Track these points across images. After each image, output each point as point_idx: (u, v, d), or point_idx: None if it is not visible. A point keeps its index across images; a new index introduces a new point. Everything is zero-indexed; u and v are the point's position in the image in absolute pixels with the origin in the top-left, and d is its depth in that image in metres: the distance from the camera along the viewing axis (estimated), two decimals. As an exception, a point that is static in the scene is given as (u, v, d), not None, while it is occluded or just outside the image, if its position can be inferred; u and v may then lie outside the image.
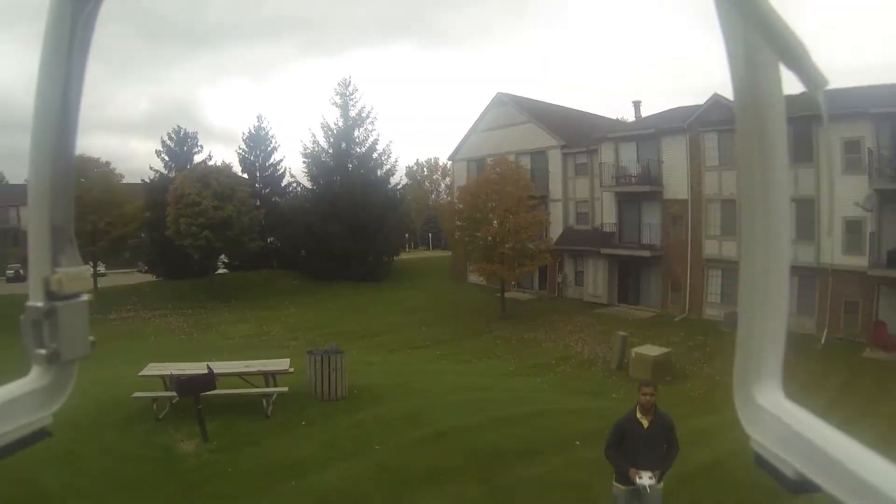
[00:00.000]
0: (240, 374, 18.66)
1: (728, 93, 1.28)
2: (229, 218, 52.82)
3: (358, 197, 61.90)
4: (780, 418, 0.95)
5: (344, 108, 65.34)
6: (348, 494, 12.27)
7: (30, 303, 1.14)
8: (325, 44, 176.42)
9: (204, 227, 51.78)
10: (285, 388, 18.32)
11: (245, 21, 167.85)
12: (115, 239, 55.86)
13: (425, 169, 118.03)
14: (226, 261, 62.42)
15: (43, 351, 1.13)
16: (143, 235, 62.73)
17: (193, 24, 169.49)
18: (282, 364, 19.67)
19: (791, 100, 0.91)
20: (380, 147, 66.02)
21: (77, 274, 1.18)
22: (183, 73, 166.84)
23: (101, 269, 62.45)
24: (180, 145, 68.37)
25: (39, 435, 1.15)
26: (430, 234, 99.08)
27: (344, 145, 64.82)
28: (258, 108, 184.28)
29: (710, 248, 41.09)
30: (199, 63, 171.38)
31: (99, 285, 56.20)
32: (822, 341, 31.76)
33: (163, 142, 68.47)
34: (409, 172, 70.54)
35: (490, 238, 42.65)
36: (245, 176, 65.03)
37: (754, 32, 0.85)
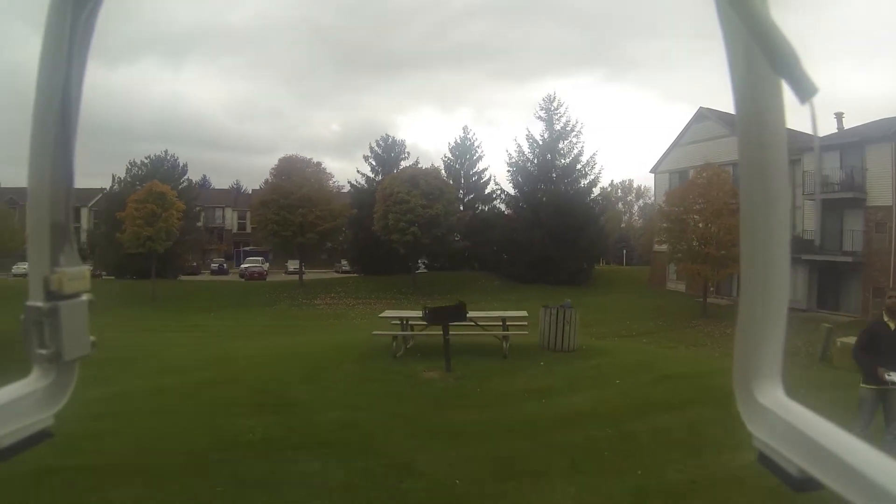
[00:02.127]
0: (478, 321, 18.99)
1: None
2: (436, 216, 54.82)
3: (561, 205, 62.81)
4: (782, 416, 0.93)
5: (549, 121, 66.84)
6: (597, 413, 12.39)
7: (30, 303, 1.12)
8: (513, 71, 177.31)
9: (412, 223, 53.93)
10: (525, 331, 19.18)
11: (432, 50, 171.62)
12: (322, 232, 58.91)
13: (619, 190, 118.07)
14: (425, 262, 64.03)
15: (44, 351, 1.11)
16: (344, 231, 65.95)
17: (382, 53, 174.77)
18: (519, 314, 20.41)
19: None
20: (583, 159, 66.79)
21: (77, 273, 1.16)
22: (373, 98, 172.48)
23: (295, 266, 67.29)
24: (388, 151, 72.40)
25: (41, 436, 1.12)
26: (623, 251, 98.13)
27: (549, 156, 66.06)
28: (448, 132, 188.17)
29: (915, 253, 39.02)
30: (389, 90, 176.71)
31: (304, 278, 60.24)
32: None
33: (371, 148, 72.92)
34: (603, 193, 70.25)
35: (696, 240, 43.00)
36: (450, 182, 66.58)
37: (750, 38, 0.82)
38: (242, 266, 73.67)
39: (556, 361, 17.55)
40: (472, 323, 18.48)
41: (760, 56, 0.82)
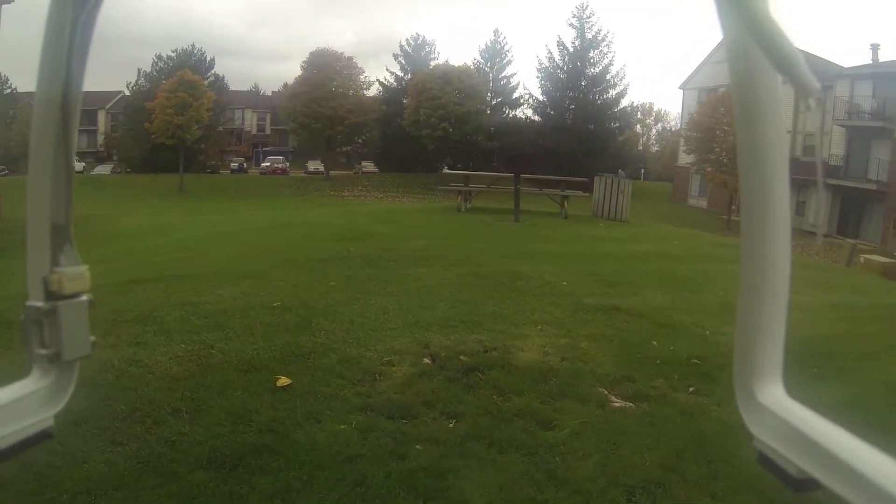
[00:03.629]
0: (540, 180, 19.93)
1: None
2: (467, 114, 55.08)
3: (589, 113, 62.84)
4: (782, 416, 0.93)
5: (580, 29, 65.73)
6: (667, 254, 13.44)
7: (30, 303, 1.11)
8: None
9: (443, 119, 53.93)
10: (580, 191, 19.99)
11: None
12: (352, 126, 58.98)
13: (639, 112, 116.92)
14: (449, 162, 63.84)
15: (44, 351, 1.10)
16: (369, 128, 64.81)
17: None
18: (579, 179, 21.03)
19: None
20: (612, 70, 66.06)
21: (77, 273, 1.14)
22: (388, 5, 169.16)
23: (320, 166, 67.68)
24: (417, 51, 71.67)
25: (42, 436, 1.10)
26: (641, 169, 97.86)
27: (578, 64, 65.11)
28: (467, 41, 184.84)
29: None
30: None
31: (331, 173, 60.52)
32: None
33: (400, 46, 72.38)
34: (622, 112, 69.75)
35: (725, 150, 43.01)
36: (479, 83, 66.08)
37: (751, 38, 0.80)
38: (264, 164, 74.15)
39: (615, 224, 18.41)
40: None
41: (760, 56, 0.82)
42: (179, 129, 53.76)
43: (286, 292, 7.94)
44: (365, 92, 62.81)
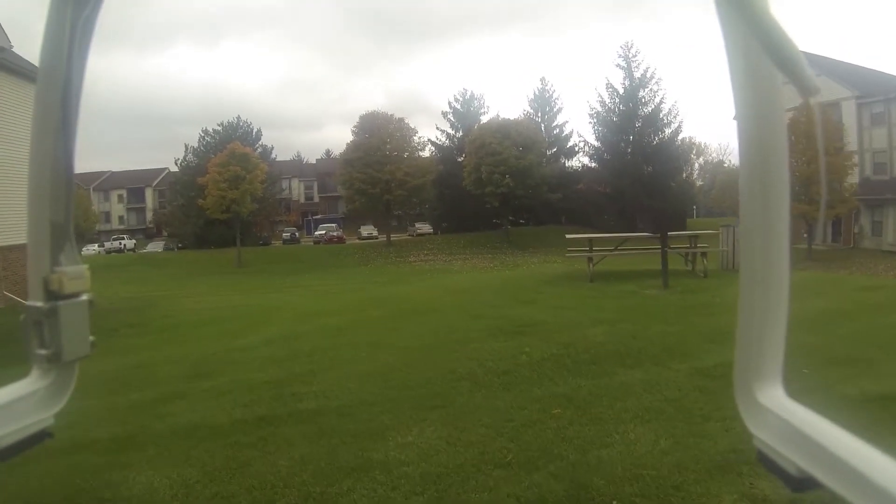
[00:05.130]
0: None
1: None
2: (529, 167, 53.06)
3: (648, 154, 61.62)
4: (782, 416, 0.93)
5: (628, 69, 64.99)
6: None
7: (30, 302, 1.11)
8: (555, 28, 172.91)
9: (505, 174, 52.22)
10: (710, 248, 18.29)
11: (466, 16, 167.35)
12: (411, 189, 56.81)
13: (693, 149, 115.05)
14: (511, 217, 62.08)
15: (44, 351, 1.10)
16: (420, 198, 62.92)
17: (419, 19, 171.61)
18: (709, 232, 19.64)
19: None
20: (664, 107, 64.69)
21: (77, 273, 1.14)
22: (411, 67, 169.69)
23: (374, 231, 66.74)
24: (466, 106, 70.51)
25: (41, 436, 1.10)
26: (693, 206, 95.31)
27: (630, 105, 63.99)
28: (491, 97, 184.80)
29: None
30: (425, 57, 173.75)
31: (393, 238, 59.46)
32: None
33: (449, 104, 71.32)
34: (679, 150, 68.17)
35: (798, 179, 39.73)
36: (531, 134, 64.56)
37: (753, 39, 0.83)
38: (317, 232, 72.44)
39: None
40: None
41: (760, 56, 0.83)
42: (234, 203, 52.22)
43: (519, 439, 5.63)
44: (419, 153, 61.42)
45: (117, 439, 6.40)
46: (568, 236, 19.04)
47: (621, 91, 64.55)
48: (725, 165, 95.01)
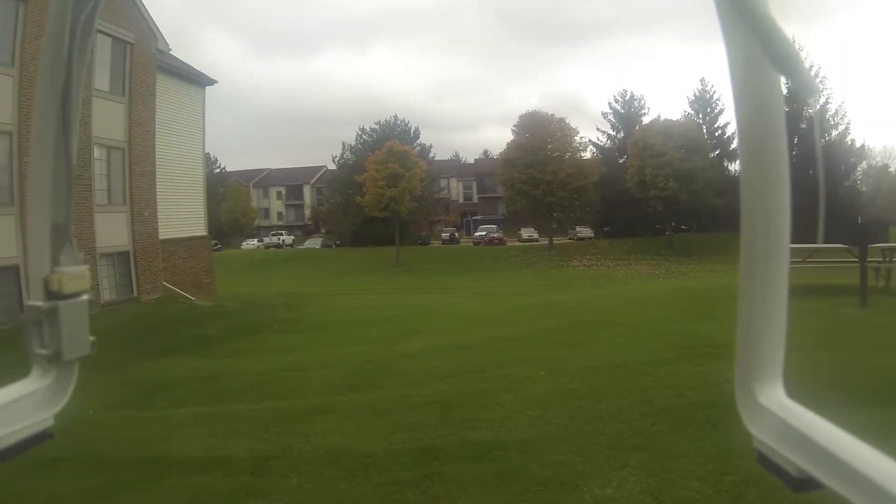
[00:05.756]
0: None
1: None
2: (694, 170, 50.71)
3: (815, 158, 57.24)
4: (782, 417, 0.92)
5: None
6: None
7: (30, 302, 1.10)
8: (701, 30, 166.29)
9: (669, 177, 50.18)
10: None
11: (619, 16, 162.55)
12: (575, 189, 55.23)
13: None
14: (672, 223, 59.87)
15: (44, 351, 1.09)
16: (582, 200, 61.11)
17: (570, 22, 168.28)
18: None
19: None
20: (831, 108, 60.49)
21: (77, 273, 1.13)
22: (564, 70, 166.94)
23: (534, 233, 65.82)
24: (627, 107, 68.52)
25: (41, 436, 1.08)
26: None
27: (796, 105, 58.85)
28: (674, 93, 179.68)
29: None
30: (579, 60, 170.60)
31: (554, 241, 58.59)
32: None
33: (609, 104, 69.19)
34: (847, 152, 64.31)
35: None
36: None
37: (753, 39, 0.83)
38: (477, 233, 71.72)
39: None
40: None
41: (761, 56, 0.82)
42: (393, 202, 52.23)
43: (743, 499, 4.66)
44: (581, 154, 59.71)
45: (256, 459, 5.69)
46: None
47: (784, 90, 61.04)
48: (891, 170, 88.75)
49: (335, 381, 8.79)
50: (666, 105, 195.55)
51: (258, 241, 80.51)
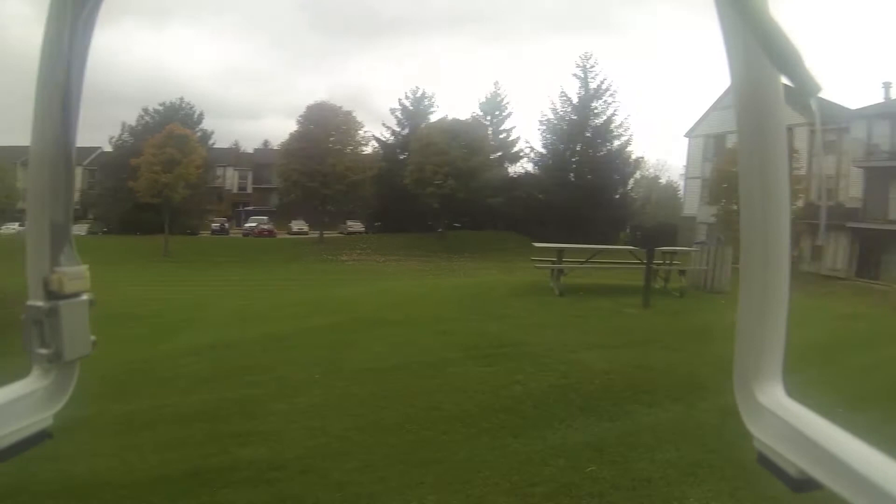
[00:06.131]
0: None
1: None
2: (475, 169, 52.08)
3: (595, 165, 61.35)
4: (782, 416, 0.93)
5: (584, 79, 64.50)
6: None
7: (30, 302, 1.10)
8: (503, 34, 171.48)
9: (449, 175, 51.01)
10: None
11: (417, 15, 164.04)
12: (351, 183, 54.69)
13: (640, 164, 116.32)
14: (446, 220, 61.01)
15: (44, 351, 1.10)
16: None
17: (369, 18, 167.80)
18: (686, 248, 19.28)
19: None
20: (616, 119, 64.46)
21: (77, 273, 1.13)
22: (358, 64, 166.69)
23: (305, 226, 64.78)
24: (417, 105, 69.03)
25: (41, 436, 1.09)
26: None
27: (582, 115, 63.52)
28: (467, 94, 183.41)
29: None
30: (373, 55, 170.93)
31: (325, 235, 57.63)
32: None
33: (399, 101, 69.45)
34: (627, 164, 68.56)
35: None
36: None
37: (753, 39, 0.82)
38: (247, 225, 69.43)
39: (734, 301, 15.21)
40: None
41: (761, 55, 0.82)
42: (167, 188, 49.64)
43: None
44: (363, 148, 59.48)
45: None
46: (536, 245, 17.82)
47: (575, 100, 64.15)
48: (661, 181, 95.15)
49: (85, 390, 7.91)
50: (457, 106, 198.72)
51: (20, 224, 74.39)
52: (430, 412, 6.28)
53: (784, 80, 0.81)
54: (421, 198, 54.02)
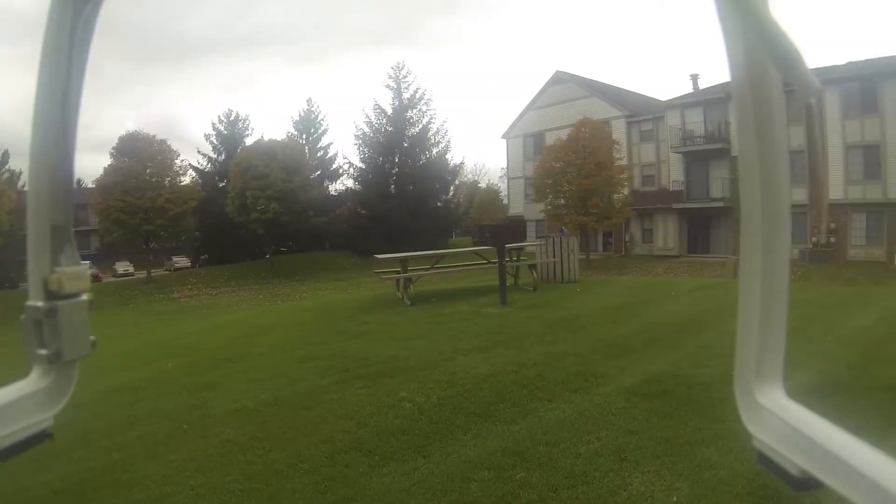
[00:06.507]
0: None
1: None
2: (296, 190, 51.47)
3: (415, 175, 62.46)
4: (782, 417, 0.93)
5: (397, 90, 65.46)
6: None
7: (30, 302, 1.10)
8: (310, 53, 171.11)
9: (271, 199, 50.20)
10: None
11: (226, 37, 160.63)
12: (173, 217, 52.17)
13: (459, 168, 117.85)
14: (273, 245, 59.91)
15: (44, 351, 1.09)
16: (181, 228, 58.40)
17: (173, 42, 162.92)
18: (531, 247, 19.72)
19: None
20: (433, 127, 66.08)
21: (77, 273, 1.13)
22: (167, 92, 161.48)
23: (130, 267, 63.04)
24: (231, 128, 67.93)
25: (41, 436, 1.08)
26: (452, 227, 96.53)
27: (397, 126, 64.60)
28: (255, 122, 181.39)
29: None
30: (183, 81, 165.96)
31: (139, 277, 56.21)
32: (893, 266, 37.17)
33: (213, 125, 68.93)
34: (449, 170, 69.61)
35: (581, 191, 44.16)
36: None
37: (753, 39, 0.84)
38: (68, 272, 65.73)
39: (589, 288, 17.37)
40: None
41: (760, 55, 0.83)
42: (-29, 237, 45.75)
43: None
44: (181, 179, 56.70)
45: None
46: (378, 256, 17.50)
47: (389, 112, 64.75)
48: (480, 185, 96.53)
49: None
50: (271, 126, 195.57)
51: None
52: (322, 446, 5.80)
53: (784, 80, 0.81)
54: (245, 225, 52.69)
